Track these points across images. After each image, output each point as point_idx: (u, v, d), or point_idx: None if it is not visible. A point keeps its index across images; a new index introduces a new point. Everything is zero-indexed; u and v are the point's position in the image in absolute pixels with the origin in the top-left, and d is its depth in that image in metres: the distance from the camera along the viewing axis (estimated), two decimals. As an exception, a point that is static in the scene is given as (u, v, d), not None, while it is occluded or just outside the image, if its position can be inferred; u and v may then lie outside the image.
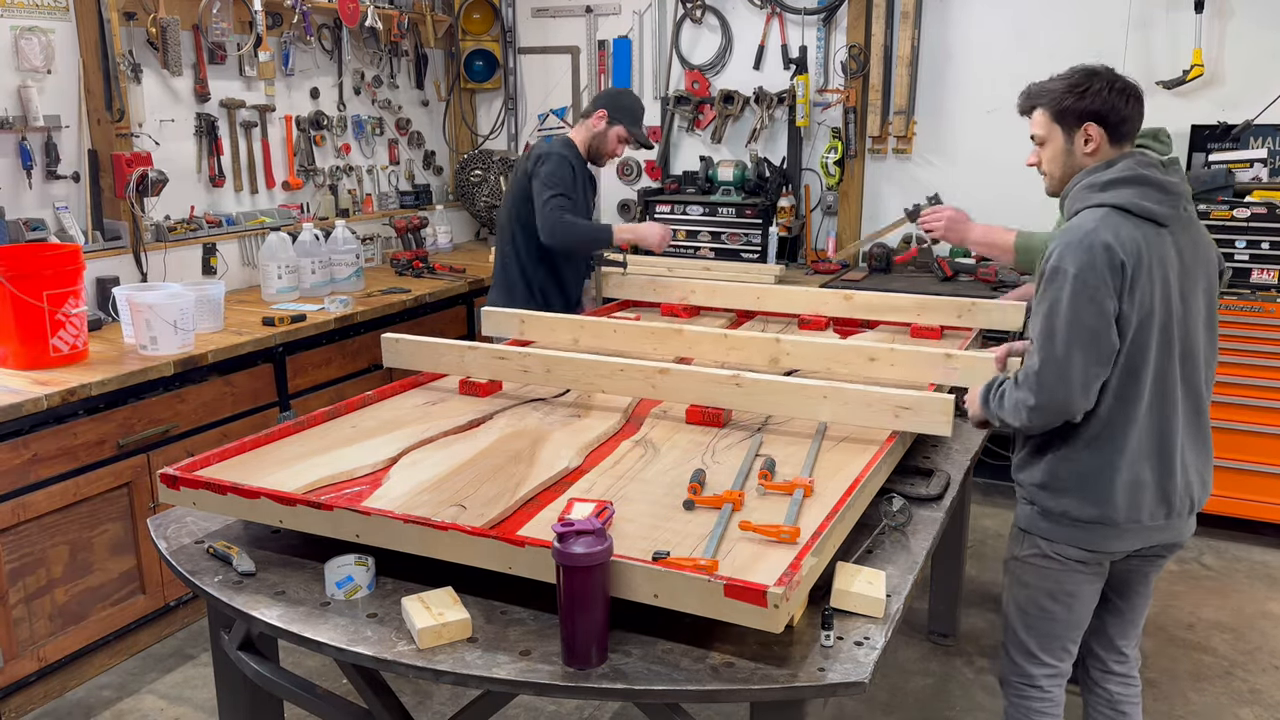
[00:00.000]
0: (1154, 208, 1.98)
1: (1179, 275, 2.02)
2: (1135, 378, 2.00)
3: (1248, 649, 3.36)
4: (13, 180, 3.49)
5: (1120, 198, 1.99)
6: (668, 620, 1.62)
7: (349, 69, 4.89)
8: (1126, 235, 1.94)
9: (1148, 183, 1.99)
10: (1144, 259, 1.95)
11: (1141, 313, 1.96)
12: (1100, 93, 2.03)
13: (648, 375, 2.44)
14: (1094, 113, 2.04)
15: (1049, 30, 4.50)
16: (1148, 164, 2.03)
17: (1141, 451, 2.04)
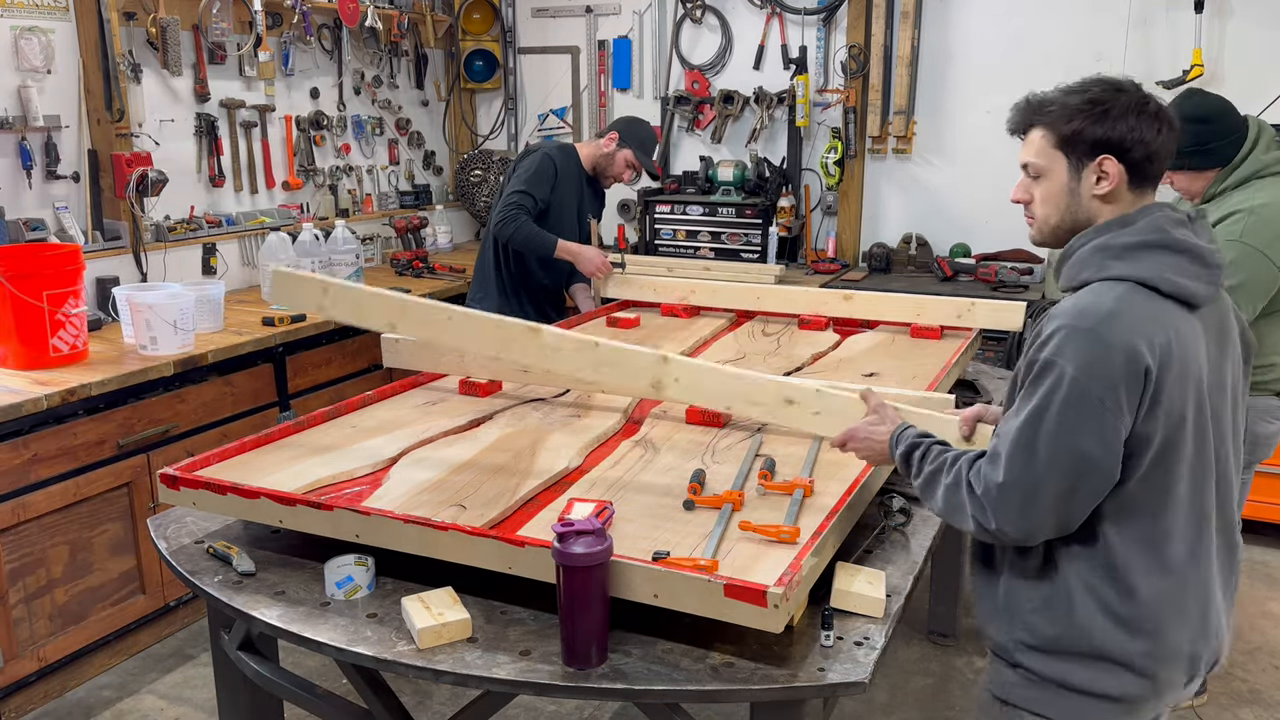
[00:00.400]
0: (1190, 286, 1.50)
1: (1210, 376, 1.55)
2: (1162, 511, 1.52)
3: (1248, 649, 3.36)
4: (12, 180, 3.49)
5: (1148, 269, 1.50)
6: (668, 620, 1.62)
7: (349, 69, 4.89)
8: (1157, 326, 1.46)
9: (1183, 250, 1.51)
10: (1174, 358, 1.47)
11: (1167, 431, 1.48)
12: (1126, 116, 1.52)
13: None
14: (1115, 143, 1.53)
15: (1049, 30, 4.50)
16: (1177, 220, 1.54)
17: (1182, 609, 1.56)
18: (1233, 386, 1.61)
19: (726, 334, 3.32)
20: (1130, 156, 1.53)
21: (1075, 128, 1.55)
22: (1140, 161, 1.54)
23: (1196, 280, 1.51)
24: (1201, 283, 1.51)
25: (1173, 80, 4.22)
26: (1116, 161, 1.54)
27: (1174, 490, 1.52)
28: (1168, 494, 1.52)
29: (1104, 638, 1.54)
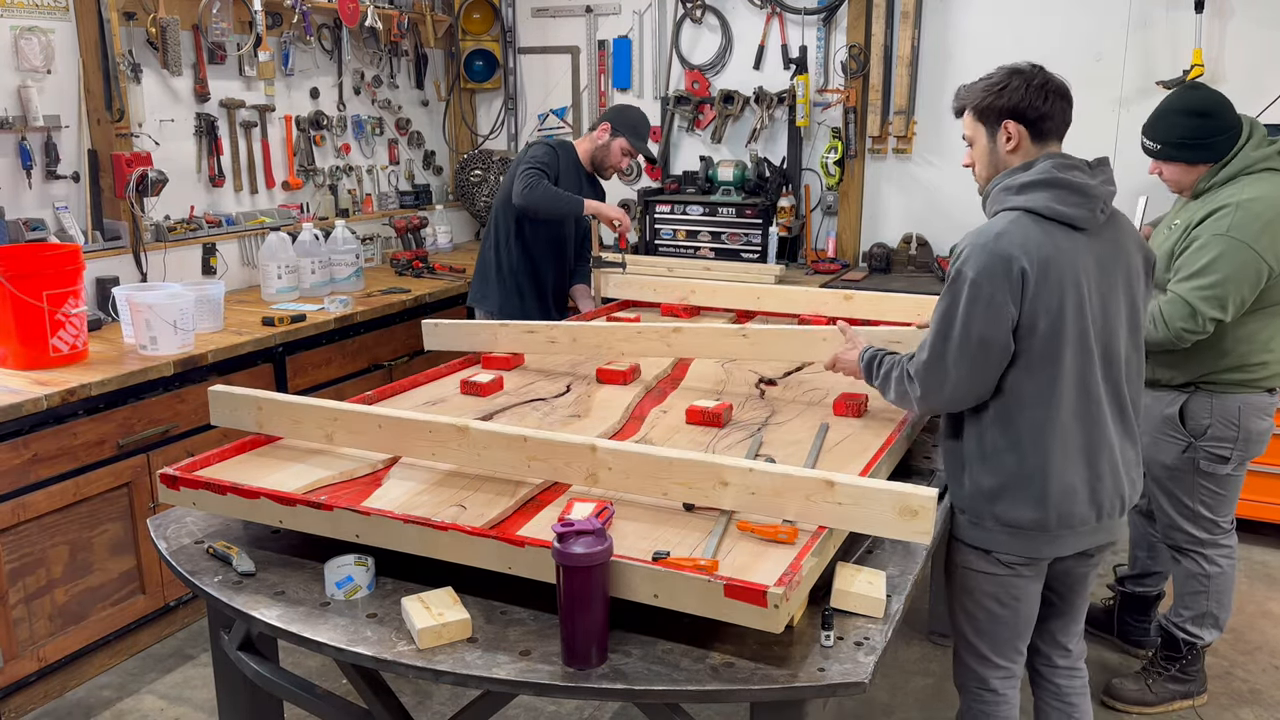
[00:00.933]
0: (1067, 211, 1.97)
1: (1096, 280, 1.99)
2: (1053, 384, 1.97)
3: (1248, 649, 3.36)
4: (12, 180, 3.49)
5: (1033, 201, 1.97)
6: (668, 620, 1.62)
7: (349, 69, 4.89)
8: (1034, 241, 1.93)
9: (1064, 185, 1.97)
10: (1052, 265, 1.93)
11: (1049, 319, 1.93)
12: (1018, 90, 2.02)
13: (663, 335, 2.71)
14: (1012, 109, 2.03)
15: (1049, 30, 4.50)
16: (1068, 165, 2.00)
17: (1069, 457, 2.01)
18: (1127, 289, 2.06)
19: (726, 334, 3.32)
20: (1026, 118, 2.03)
21: (986, 103, 2.07)
22: (1035, 121, 2.04)
23: (1075, 208, 1.97)
24: (1081, 209, 1.97)
25: (1173, 80, 4.21)
26: (1017, 124, 2.04)
27: (1059, 365, 1.96)
28: (1053, 368, 1.96)
29: (1009, 479, 2.02)
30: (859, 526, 1.69)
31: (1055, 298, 1.93)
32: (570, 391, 2.68)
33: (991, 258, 1.91)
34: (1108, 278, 2.02)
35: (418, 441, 2.00)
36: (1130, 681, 3.07)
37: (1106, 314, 2.02)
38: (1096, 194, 1.99)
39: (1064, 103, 2.06)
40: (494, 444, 1.92)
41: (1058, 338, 1.95)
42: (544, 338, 2.83)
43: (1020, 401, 1.99)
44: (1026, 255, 1.91)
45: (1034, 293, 1.91)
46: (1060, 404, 1.98)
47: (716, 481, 1.74)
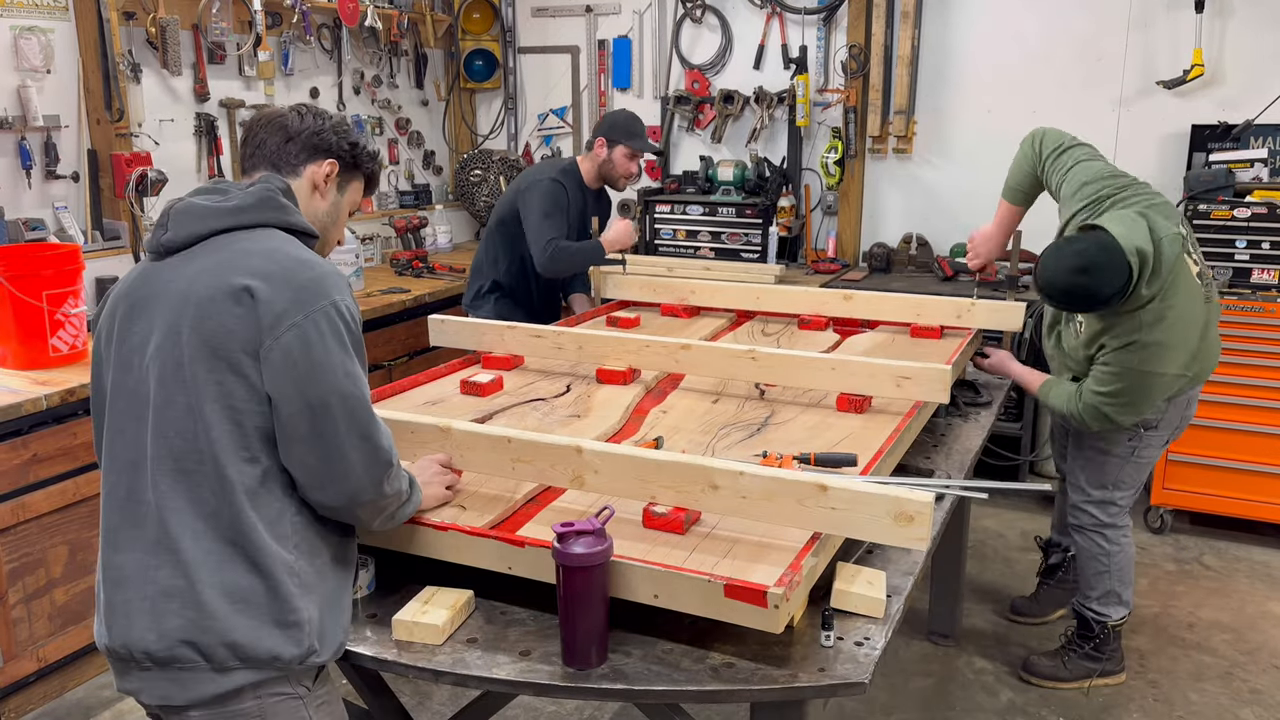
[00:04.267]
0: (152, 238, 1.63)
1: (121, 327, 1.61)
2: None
3: (1248, 649, 3.36)
4: (12, 180, 3.49)
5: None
6: (668, 620, 1.62)
7: (349, 69, 4.88)
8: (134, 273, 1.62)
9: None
10: (121, 300, 1.61)
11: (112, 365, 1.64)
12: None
13: (670, 350, 2.68)
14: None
15: (1049, 30, 4.50)
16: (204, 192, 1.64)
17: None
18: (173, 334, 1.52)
19: (726, 334, 3.32)
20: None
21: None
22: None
23: (155, 231, 1.60)
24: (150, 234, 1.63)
25: (1173, 80, 4.22)
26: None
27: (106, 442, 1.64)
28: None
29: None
30: (853, 532, 1.67)
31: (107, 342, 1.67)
32: (570, 391, 2.68)
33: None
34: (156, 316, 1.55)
35: (400, 443, 1.97)
36: (1046, 658, 3.17)
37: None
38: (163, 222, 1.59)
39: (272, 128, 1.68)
40: (478, 445, 1.90)
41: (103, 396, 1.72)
42: (550, 343, 2.80)
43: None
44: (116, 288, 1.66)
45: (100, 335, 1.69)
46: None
47: (706, 485, 1.72)
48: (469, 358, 2.95)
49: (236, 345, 1.46)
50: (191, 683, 1.47)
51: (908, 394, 2.43)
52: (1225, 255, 3.95)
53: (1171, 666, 3.26)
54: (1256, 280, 3.93)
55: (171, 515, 1.48)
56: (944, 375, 2.38)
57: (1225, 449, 4.00)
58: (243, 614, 1.45)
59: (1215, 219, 3.94)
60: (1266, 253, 3.90)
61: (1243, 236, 3.93)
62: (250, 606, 1.46)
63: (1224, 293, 3.93)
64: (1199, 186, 3.99)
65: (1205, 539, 4.15)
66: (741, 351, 2.58)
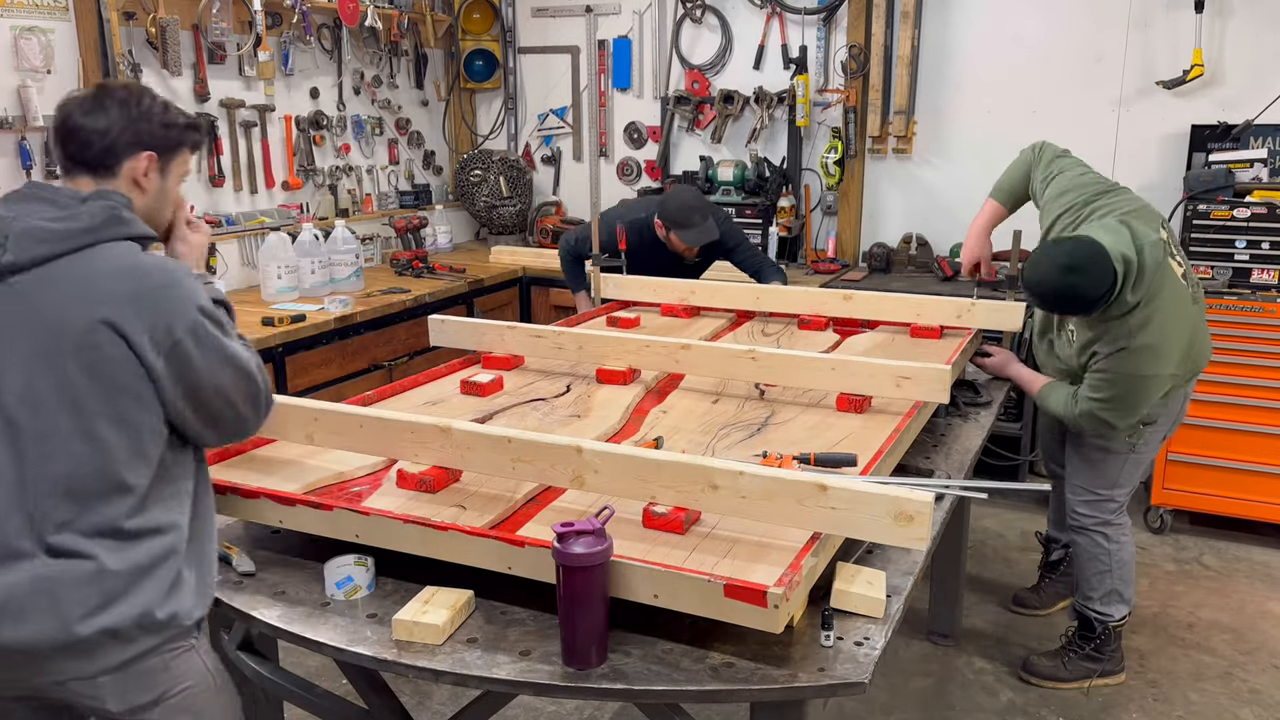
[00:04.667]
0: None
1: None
2: None
3: (1248, 649, 3.36)
4: (12, 180, 3.49)
5: None
6: (668, 620, 1.62)
7: (349, 69, 4.89)
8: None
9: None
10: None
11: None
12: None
13: (670, 351, 2.68)
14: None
15: (1049, 30, 4.50)
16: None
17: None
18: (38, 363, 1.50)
19: (726, 334, 3.32)
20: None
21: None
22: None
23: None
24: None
25: (1173, 80, 4.22)
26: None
27: None
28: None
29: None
30: (853, 532, 1.67)
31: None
32: (570, 391, 2.68)
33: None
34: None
35: (400, 442, 1.98)
36: (1046, 658, 3.17)
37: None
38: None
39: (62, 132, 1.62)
40: (478, 445, 1.89)
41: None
42: (550, 343, 2.81)
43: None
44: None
45: None
46: None
47: (706, 485, 1.72)
48: (469, 358, 2.96)
49: (128, 372, 1.51)
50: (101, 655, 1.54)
51: (908, 394, 2.44)
52: (1225, 255, 3.95)
53: (1171, 666, 3.26)
54: (1256, 280, 3.93)
55: (57, 530, 1.51)
56: (944, 375, 2.39)
57: (1225, 449, 4.00)
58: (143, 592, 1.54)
59: (1215, 219, 3.94)
60: (1266, 253, 3.90)
61: (1242, 236, 3.93)
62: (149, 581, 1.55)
63: (1224, 293, 3.93)
64: (1199, 186, 3.99)
65: (1205, 539, 4.15)
66: (741, 351, 2.58)
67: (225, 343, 1.62)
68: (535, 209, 5.61)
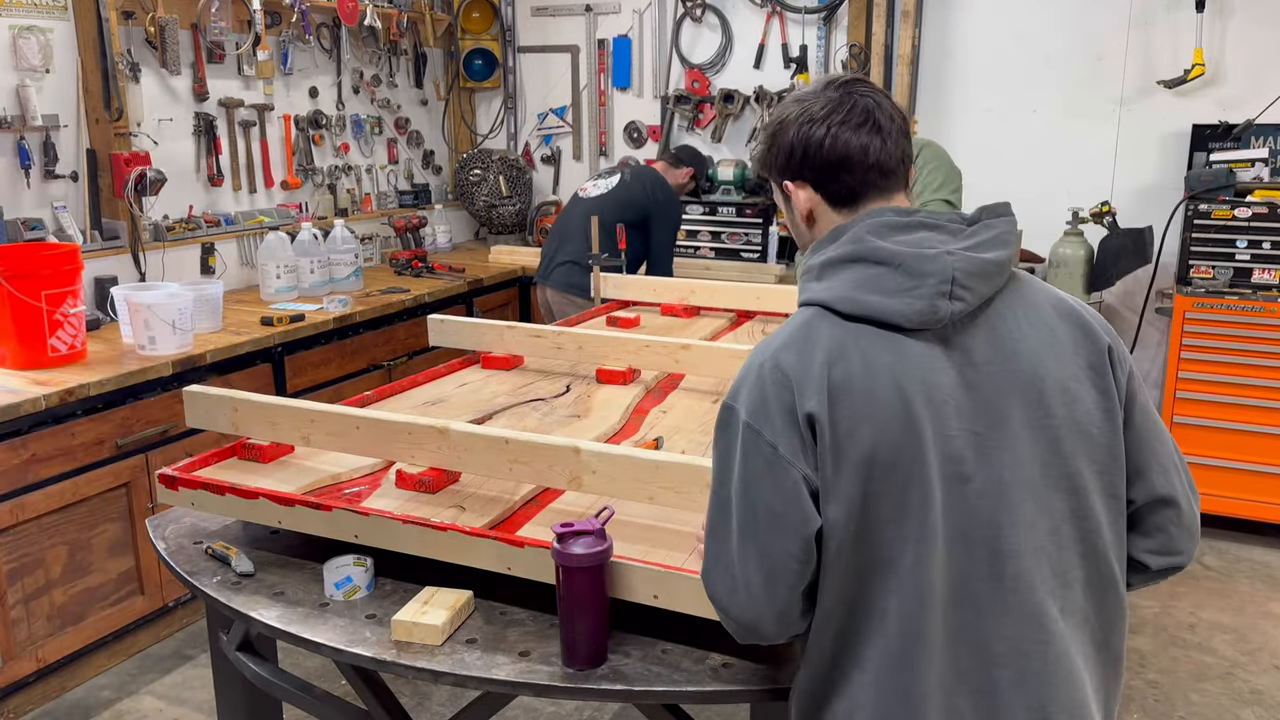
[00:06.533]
0: (884, 304, 1.22)
1: (958, 410, 1.22)
2: (865, 591, 1.23)
3: (1249, 649, 3.36)
4: (11, 180, 3.48)
5: (831, 289, 1.26)
6: (668, 621, 1.62)
7: (348, 68, 4.88)
8: (837, 354, 1.22)
9: (882, 260, 1.23)
10: (861, 388, 1.20)
11: (864, 481, 1.20)
12: (785, 133, 1.33)
13: (671, 350, 2.68)
14: (783, 166, 1.35)
15: (1049, 30, 4.49)
16: (888, 225, 1.26)
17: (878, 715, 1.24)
18: (1032, 425, 1.24)
19: (726, 334, 3.32)
20: (803, 173, 1.33)
21: (765, 161, 1.40)
22: (820, 172, 1.32)
23: (896, 297, 1.22)
24: (905, 299, 1.21)
25: (1174, 80, 4.21)
26: (798, 182, 1.35)
27: (881, 561, 1.22)
28: (873, 567, 1.23)
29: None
30: None
31: (877, 442, 1.20)
32: (570, 391, 2.68)
33: (762, 385, 1.24)
34: (988, 407, 1.24)
35: (396, 443, 1.96)
36: None
37: (988, 465, 1.23)
38: (934, 270, 1.22)
39: (871, 137, 1.30)
40: (475, 446, 1.88)
41: (877, 513, 1.22)
42: (550, 343, 2.81)
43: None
44: (811, 374, 1.22)
45: (834, 440, 1.20)
46: (867, 636, 1.25)
47: (705, 485, 1.71)
48: (468, 357, 2.95)
49: (1111, 428, 1.28)
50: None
51: None
52: (1226, 255, 3.95)
53: (1172, 667, 3.26)
54: (1257, 280, 3.93)
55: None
56: None
57: (1225, 449, 4.00)
58: None
59: (1216, 219, 3.94)
60: (1267, 252, 3.90)
61: (1243, 236, 3.92)
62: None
63: (1224, 292, 3.93)
64: (1199, 186, 3.99)
65: (1205, 539, 4.15)
66: (742, 351, 2.57)
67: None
68: (535, 208, 5.61)
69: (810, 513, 1.21)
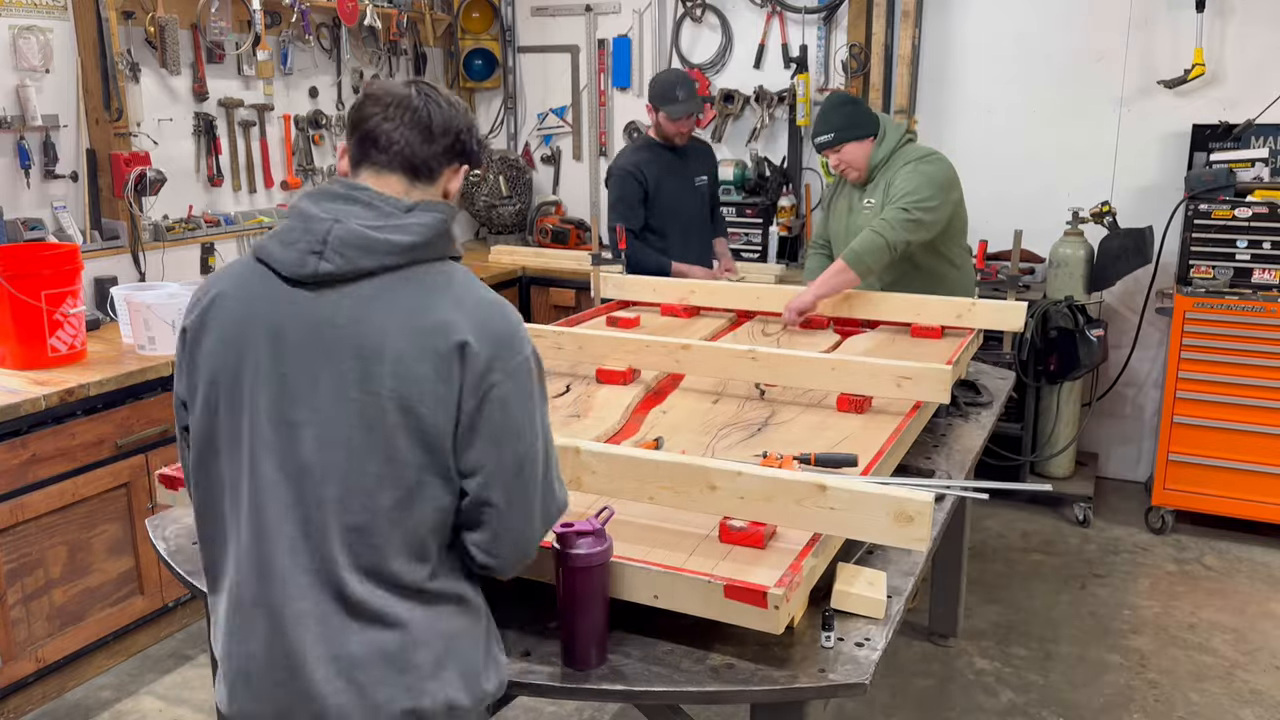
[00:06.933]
0: (274, 252, 1.41)
1: (292, 358, 1.38)
2: (209, 511, 1.47)
3: (1249, 649, 3.35)
4: (11, 180, 3.48)
5: (267, 235, 1.47)
6: (668, 621, 1.62)
7: (348, 68, 4.88)
8: (224, 287, 1.45)
9: (292, 215, 1.43)
10: (216, 322, 1.43)
11: (201, 406, 1.43)
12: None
13: (670, 350, 2.67)
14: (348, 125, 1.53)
15: (1049, 30, 4.49)
16: (331, 193, 1.43)
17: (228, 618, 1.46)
18: (341, 383, 1.36)
19: (726, 334, 3.31)
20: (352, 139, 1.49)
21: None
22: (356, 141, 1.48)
23: (287, 247, 1.39)
24: (291, 250, 1.38)
25: (1174, 80, 4.21)
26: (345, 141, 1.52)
27: (211, 481, 1.45)
28: (208, 486, 1.45)
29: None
30: (852, 533, 1.66)
31: (206, 376, 1.42)
32: (570, 391, 2.68)
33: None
34: (306, 360, 1.37)
35: None
36: None
37: (268, 413, 1.38)
38: (316, 231, 1.38)
39: (389, 125, 1.45)
40: None
41: (206, 434, 1.44)
42: (550, 343, 2.79)
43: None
44: (193, 305, 1.46)
45: (191, 361, 1.45)
46: (210, 542, 1.49)
47: (704, 485, 1.71)
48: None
49: (440, 412, 1.35)
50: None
51: (908, 394, 2.43)
52: (1226, 255, 3.95)
53: (1172, 667, 3.26)
54: (1257, 280, 3.93)
55: (354, 582, 1.37)
56: (944, 375, 2.38)
57: (1225, 449, 4.00)
58: (451, 668, 1.41)
59: (1216, 219, 3.93)
60: (1267, 253, 3.90)
61: (1243, 236, 3.92)
62: (457, 658, 1.42)
63: (1225, 292, 3.93)
64: (1200, 186, 3.99)
65: (1205, 539, 4.15)
66: (741, 351, 2.57)
67: (542, 407, 1.45)
68: (535, 208, 5.61)
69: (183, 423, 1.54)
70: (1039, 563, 3.97)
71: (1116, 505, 4.47)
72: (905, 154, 3.37)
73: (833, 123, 3.35)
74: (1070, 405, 4.38)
